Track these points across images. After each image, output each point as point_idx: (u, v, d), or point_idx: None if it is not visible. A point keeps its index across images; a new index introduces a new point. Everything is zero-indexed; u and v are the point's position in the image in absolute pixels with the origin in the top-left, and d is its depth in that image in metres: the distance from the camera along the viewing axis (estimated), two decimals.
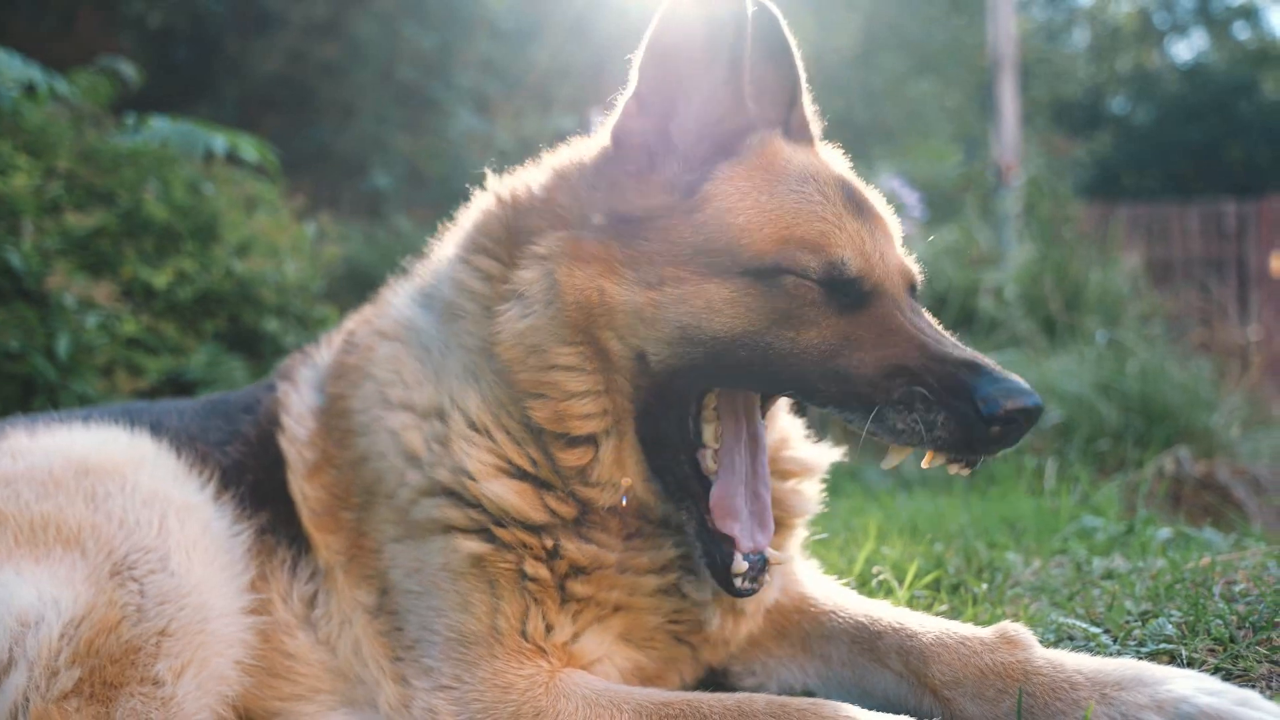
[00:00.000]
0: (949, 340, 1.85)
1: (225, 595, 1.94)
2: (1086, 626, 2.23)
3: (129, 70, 6.21)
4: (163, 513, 1.92)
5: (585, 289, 1.89)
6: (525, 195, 2.08)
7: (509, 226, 2.05)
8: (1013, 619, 2.29)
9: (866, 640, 2.06)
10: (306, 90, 13.74)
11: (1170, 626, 2.12)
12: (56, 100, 5.31)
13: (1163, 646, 2.05)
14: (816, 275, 1.83)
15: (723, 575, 1.90)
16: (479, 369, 2.00)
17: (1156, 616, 2.22)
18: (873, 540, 3.24)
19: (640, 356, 1.89)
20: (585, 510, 1.96)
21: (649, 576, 1.98)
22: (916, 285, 2.03)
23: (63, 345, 4.77)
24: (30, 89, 4.93)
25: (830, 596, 2.23)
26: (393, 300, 2.27)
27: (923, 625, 2.01)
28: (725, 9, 1.87)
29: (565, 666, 1.90)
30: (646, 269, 1.88)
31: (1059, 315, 7.66)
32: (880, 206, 2.05)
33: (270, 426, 2.25)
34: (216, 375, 5.55)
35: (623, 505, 1.95)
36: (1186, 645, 2.03)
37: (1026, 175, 11.18)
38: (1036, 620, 2.35)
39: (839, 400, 1.80)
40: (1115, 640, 2.16)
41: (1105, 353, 6.59)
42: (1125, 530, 3.61)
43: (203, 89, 13.93)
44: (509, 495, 1.92)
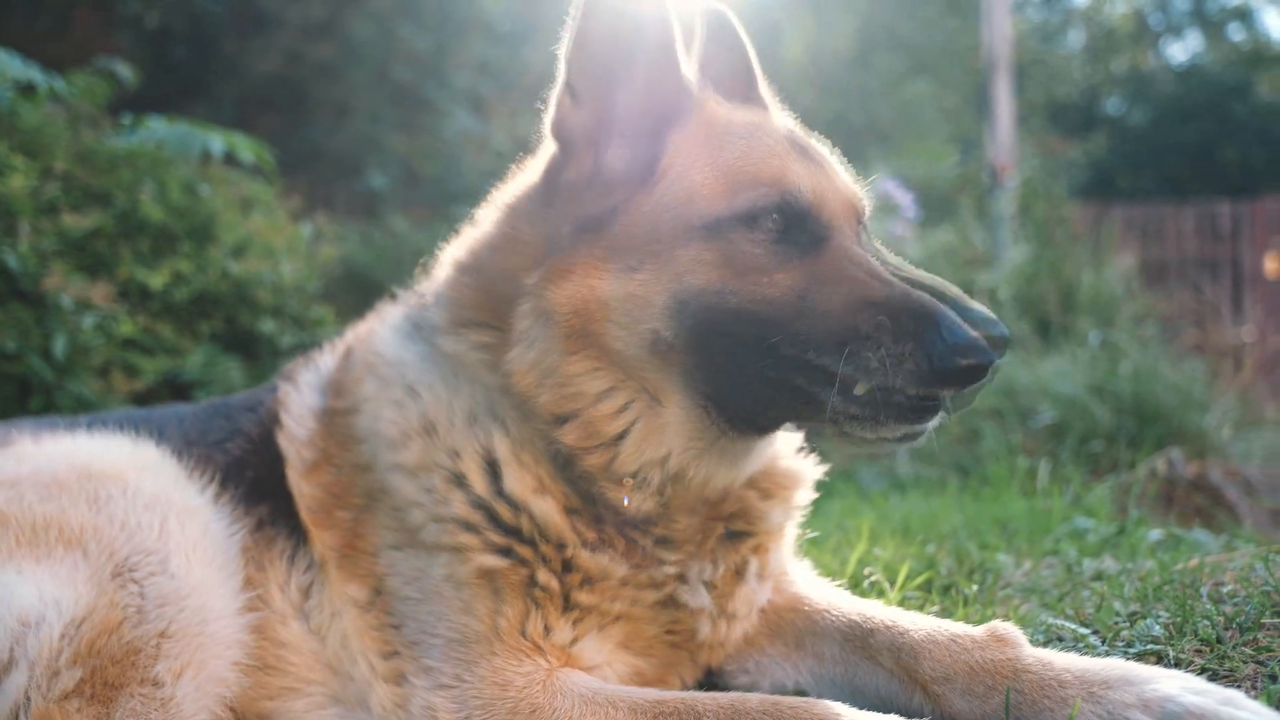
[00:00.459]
0: (909, 269, 1.90)
1: (224, 597, 1.96)
2: (1075, 627, 2.25)
3: (125, 71, 6.22)
4: (164, 516, 1.94)
5: (576, 294, 1.91)
6: (487, 252, 2.08)
7: (487, 293, 2.05)
8: (1003, 619, 2.31)
9: (859, 638, 2.08)
10: (302, 90, 13.74)
11: (1158, 627, 2.15)
12: (53, 101, 5.32)
13: (1150, 647, 2.07)
14: (774, 207, 1.89)
15: (921, 408, 1.80)
16: (497, 407, 2.01)
17: (1144, 618, 2.25)
18: (865, 541, 3.26)
19: (656, 336, 1.89)
20: (601, 529, 1.98)
21: (649, 590, 2.01)
22: (864, 214, 2.07)
23: (59, 346, 4.78)
24: (29, 89, 4.94)
25: (824, 596, 2.26)
26: (380, 337, 2.26)
27: (914, 623, 2.04)
28: None
29: (563, 666, 1.92)
30: (626, 255, 1.91)
31: (1053, 316, 7.69)
32: (825, 152, 2.12)
33: (271, 425, 2.27)
34: (213, 376, 5.56)
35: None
36: (1173, 646, 2.06)
37: (1021, 176, 11.21)
38: (1026, 621, 2.38)
39: (816, 346, 1.80)
40: (1104, 641, 2.19)
41: (1098, 354, 6.62)
42: (1116, 531, 3.64)
43: (199, 89, 13.93)
44: (553, 514, 1.95)
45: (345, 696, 2.06)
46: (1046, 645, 2.18)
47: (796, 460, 2.26)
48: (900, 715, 1.70)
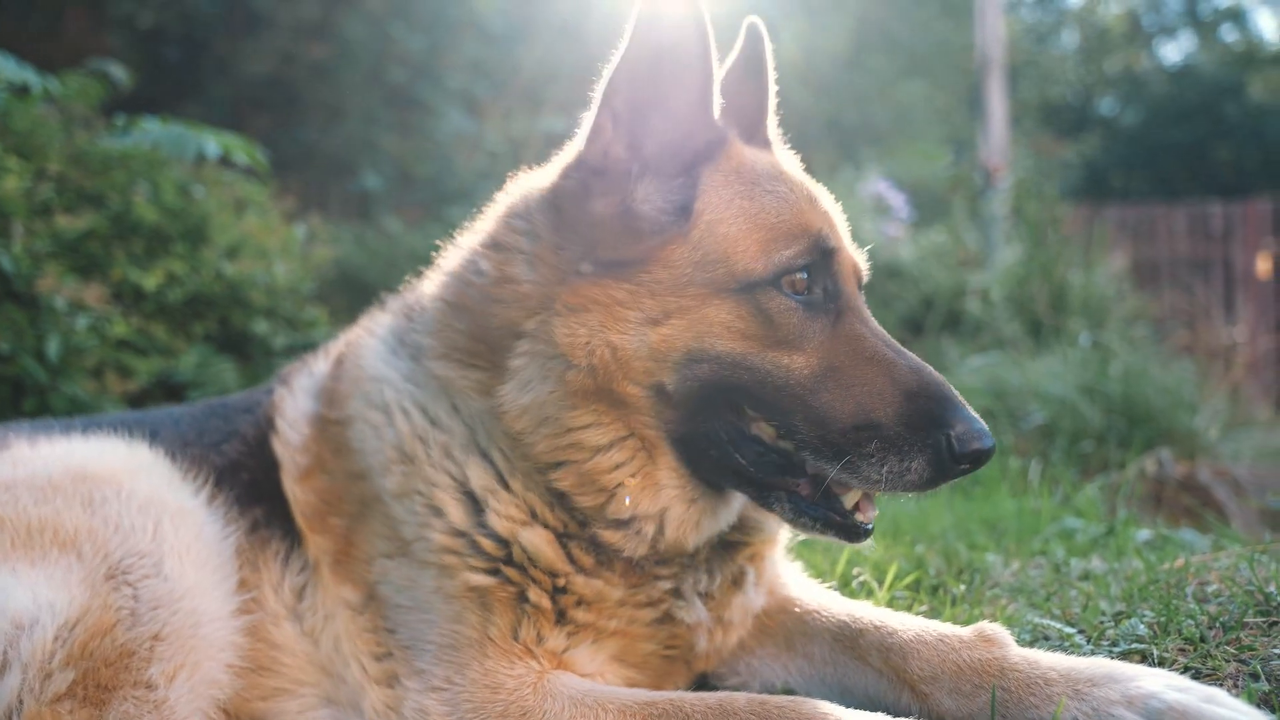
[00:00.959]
0: (908, 359, 1.90)
1: (217, 600, 1.97)
2: (1061, 627, 2.27)
3: (119, 72, 6.21)
4: (157, 519, 1.94)
5: (595, 349, 1.86)
6: (477, 295, 2.02)
7: (479, 339, 2.00)
8: (990, 619, 2.33)
9: (848, 638, 2.10)
10: (295, 91, 13.72)
11: (1143, 627, 2.17)
12: (47, 102, 5.32)
13: (1135, 646, 2.10)
14: (805, 264, 1.88)
15: (857, 529, 1.90)
16: (485, 434, 1.99)
17: (1130, 617, 2.27)
18: None
19: (659, 389, 1.88)
20: (599, 553, 1.97)
21: (646, 610, 2.02)
22: (863, 278, 2.09)
23: (53, 347, 4.78)
24: (22, 90, 4.94)
25: (814, 597, 2.28)
26: (367, 349, 2.23)
27: (903, 623, 2.06)
28: (698, 14, 1.85)
29: (555, 669, 1.93)
30: (649, 304, 1.86)
31: (1044, 317, 7.72)
32: (831, 202, 2.11)
33: (267, 428, 2.28)
34: (206, 377, 5.56)
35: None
36: (1158, 645, 2.08)
37: (1014, 177, 11.24)
38: (1014, 620, 2.40)
39: (815, 447, 1.83)
40: (1089, 640, 2.21)
41: (1089, 355, 6.65)
42: (1105, 531, 3.66)
43: (192, 90, 13.90)
44: (543, 546, 1.94)
45: (338, 698, 2.07)
46: (1033, 645, 2.20)
47: None
48: (888, 714, 1.72)
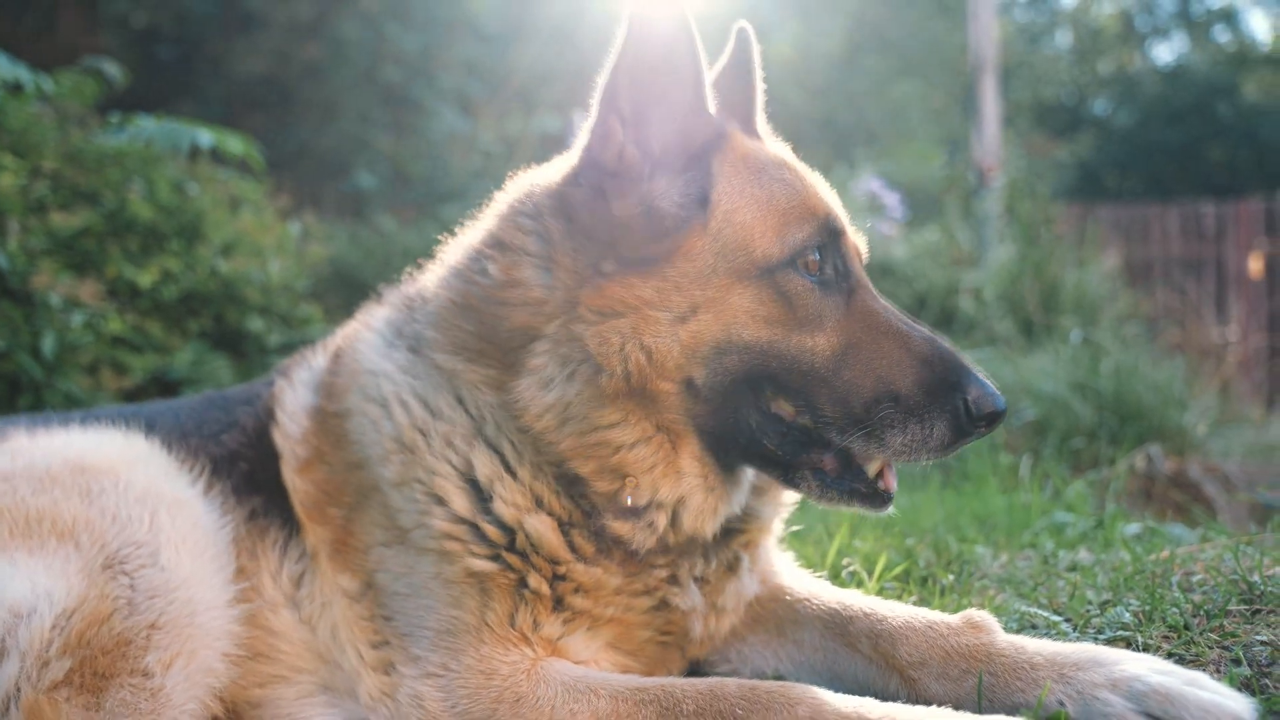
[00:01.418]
0: (919, 330, 1.97)
1: (213, 589, 1.98)
2: (1048, 615, 2.30)
3: (114, 70, 6.23)
4: (154, 509, 1.95)
5: (629, 354, 1.88)
6: (482, 298, 2.03)
7: (489, 340, 2.02)
8: (979, 608, 2.36)
9: (838, 625, 2.13)
10: (290, 90, 13.73)
11: (1128, 615, 2.20)
12: (42, 100, 5.33)
13: (1120, 633, 2.12)
14: (817, 245, 1.94)
15: (882, 497, 1.99)
16: (493, 424, 2.00)
17: (1115, 605, 2.30)
18: (845, 534, 3.31)
19: (688, 383, 1.91)
20: (600, 541, 1.99)
21: (643, 598, 2.03)
22: (864, 258, 2.16)
23: (48, 344, 4.79)
24: (15, 88, 4.95)
25: (804, 586, 2.30)
26: (364, 342, 2.25)
27: (892, 610, 2.09)
28: (684, 14, 1.90)
29: (549, 656, 1.95)
30: (677, 300, 1.89)
31: (1035, 316, 7.76)
32: (829, 188, 2.17)
33: (267, 419, 2.30)
34: (201, 374, 5.58)
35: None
36: (1142, 632, 2.11)
37: (1007, 177, 11.28)
38: (1001, 609, 2.42)
39: (840, 424, 1.89)
40: (1075, 628, 2.24)
41: (1080, 352, 6.68)
42: (1094, 525, 3.69)
43: (186, 89, 13.91)
44: (547, 533, 1.95)
45: (334, 685, 2.09)
46: (1020, 632, 2.23)
47: None
48: (877, 699, 1.75)
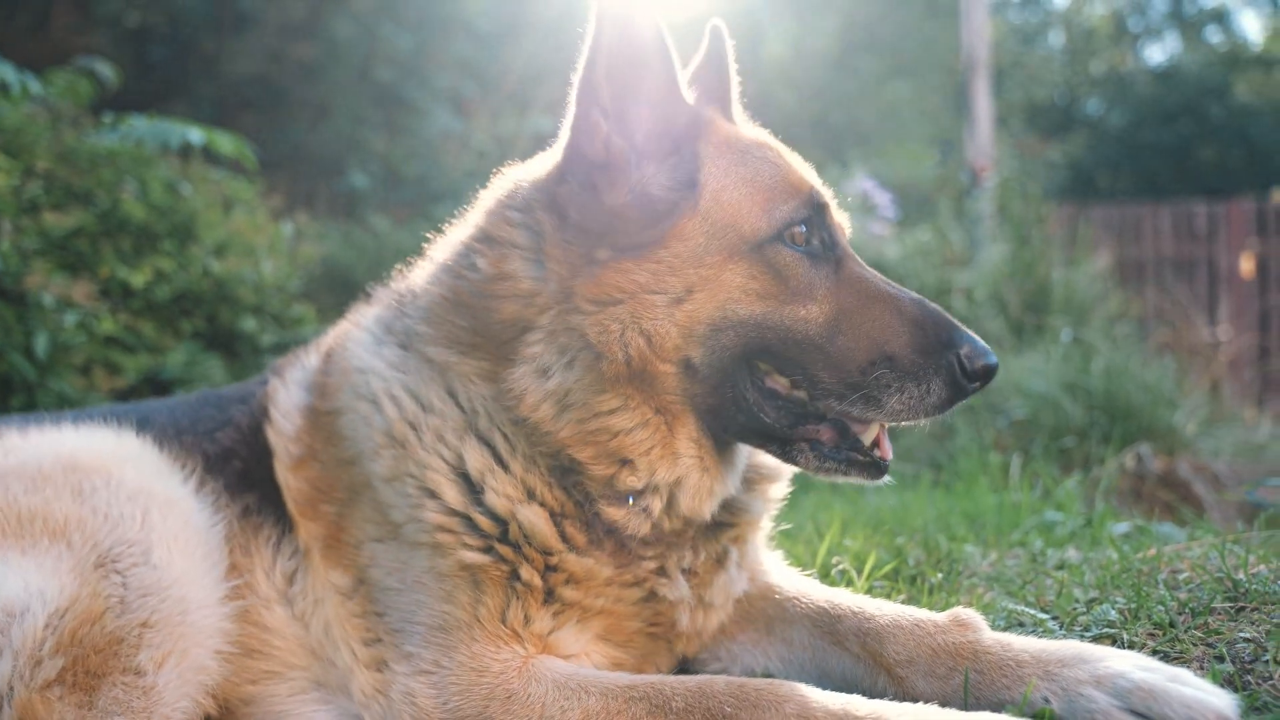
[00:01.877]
0: (907, 293, 2.01)
1: (205, 587, 1.99)
2: (1035, 613, 2.32)
3: (106, 70, 6.22)
4: (146, 507, 1.96)
5: (629, 340, 1.91)
6: (474, 293, 2.05)
7: (482, 334, 2.03)
8: (967, 606, 2.37)
9: (827, 624, 2.14)
10: (283, 90, 13.72)
11: (1114, 612, 2.22)
12: (35, 100, 5.33)
13: (1106, 631, 2.14)
14: (804, 218, 1.98)
15: (879, 465, 2.00)
16: (485, 416, 2.02)
17: (1102, 603, 2.31)
18: (835, 533, 3.32)
19: (686, 363, 1.94)
20: (592, 531, 2.00)
21: (633, 589, 2.05)
22: (847, 234, 2.18)
23: (41, 344, 4.79)
24: (3, 88, 4.95)
25: (794, 584, 2.32)
26: (354, 341, 2.26)
27: (880, 609, 2.10)
28: (648, 6, 1.94)
29: (541, 653, 1.97)
30: (672, 282, 1.92)
31: (1025, 316, 7.79)
32: (809, 167, 2.20)
33: (260, 418, 2.31)
34: (194, 374, 5.58)
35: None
36: (1128, 630, 2.13)
37: (999, 177, 11.32)
38: (989, 607, 2.44)
39: (837, 392, 1.92)
40: (1062, 626, 2.26)
41: (1071, 352, 6.71)
42: (1084, 524, 3.71)
43: (179, 89, 13.89)
44: (539, 523, 1.97)
45: (327, 681, 2.10)
46: (1007, 630, 2.25)
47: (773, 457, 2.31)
48: (865, 697, 1.76)
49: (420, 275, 2.24)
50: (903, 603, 2.44)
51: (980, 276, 8.55)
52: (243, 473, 2.25)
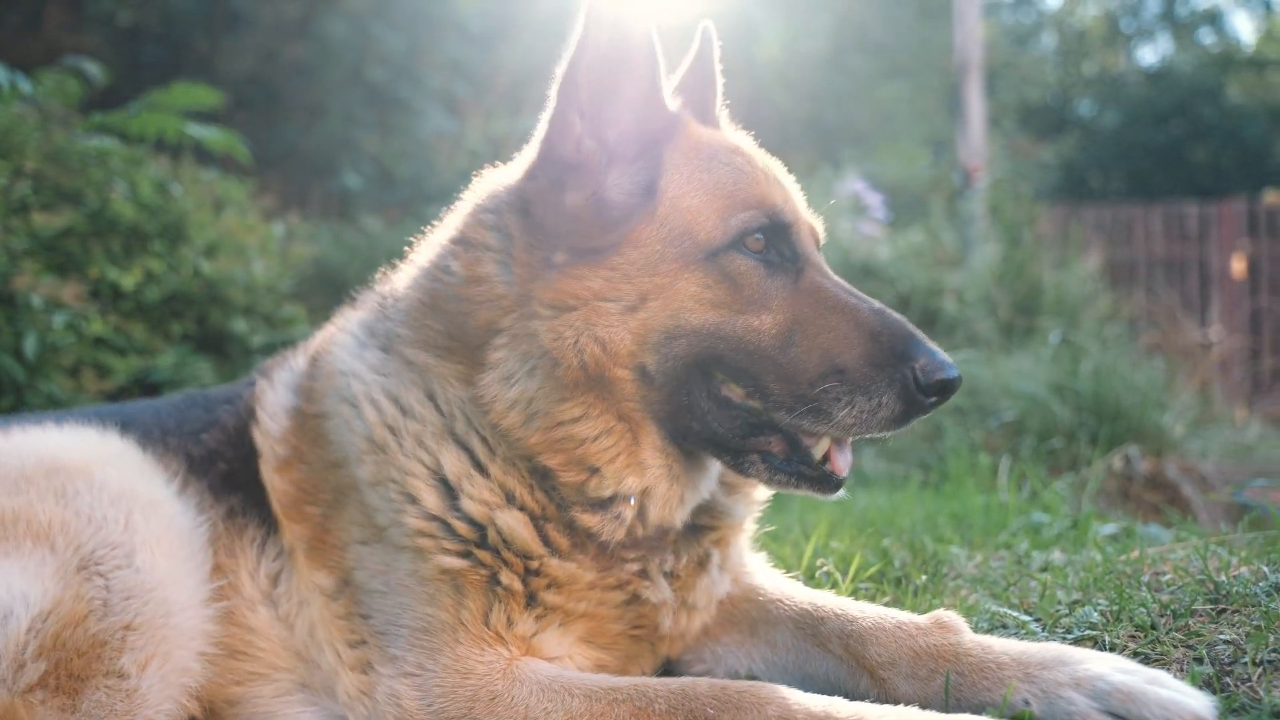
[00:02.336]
0: (869, 303, 1.98)
1: (188, 589, 1.99)
2: (1018, 615, 2.33)
3: (94, 69, 6.21)
4: (128, 509, 1.96)
5: (584, 346, 1.91)
6: (448, 296, 2.06)
7: (456, 338, 2.05)
8: (951, 608, 2.39)
9: (810, 626, 2.15)
10: (276, 90, 13.69)
11: (1096, 614, 2.23)
12: (25, 100, 5.31)
13: (1088, 633, 2.16)
14: (761, 227, 1.96)
15: (829, 480, 1.98)
16: (463, 419, 2.02)
17: (1084, 605, 2.33)
18: (821, 534, 3.33)
19: (641, 370, 1.94)
20: (574, 535, 2.01)
21: (615, 592, 2.05)
22: (820, 240, 2.18)
23: (30, 345, 4.78)
24: None
25: (778, 586, 2.32)
26: (337, 344, 2.27)
27: (862, 611, 2.11)
28: (640, 9, 1.94)
29: (525, 655, 1.97)
30: (626, 289, 1.92)
31: (1016, 317, 7.81)
32: (785, 174, 2.20)
33: (247, 418, 2.32)
34: (184, 376, 5.56)
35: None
36: (1109, 632, 2.14)
37: (992, 178, 11.35)
38: (973, 610, 2.45)
39: (787, 404, 1.91)
40: (1044, 628, 2.27)
41: (1060, 353, 6.73)
42: (1070, 526, 3.73)
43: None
44: (519, 529, 1.97)
45: (312, 683, 2.10)
46: (990, 632, 2.26)
47: None
48: (847, 699, 1.77)
49: (402, 278, 2.25)
50: (887, 605, 2.45)
51: (972, 278, 8.57)
52: (228, 474, 2.25)
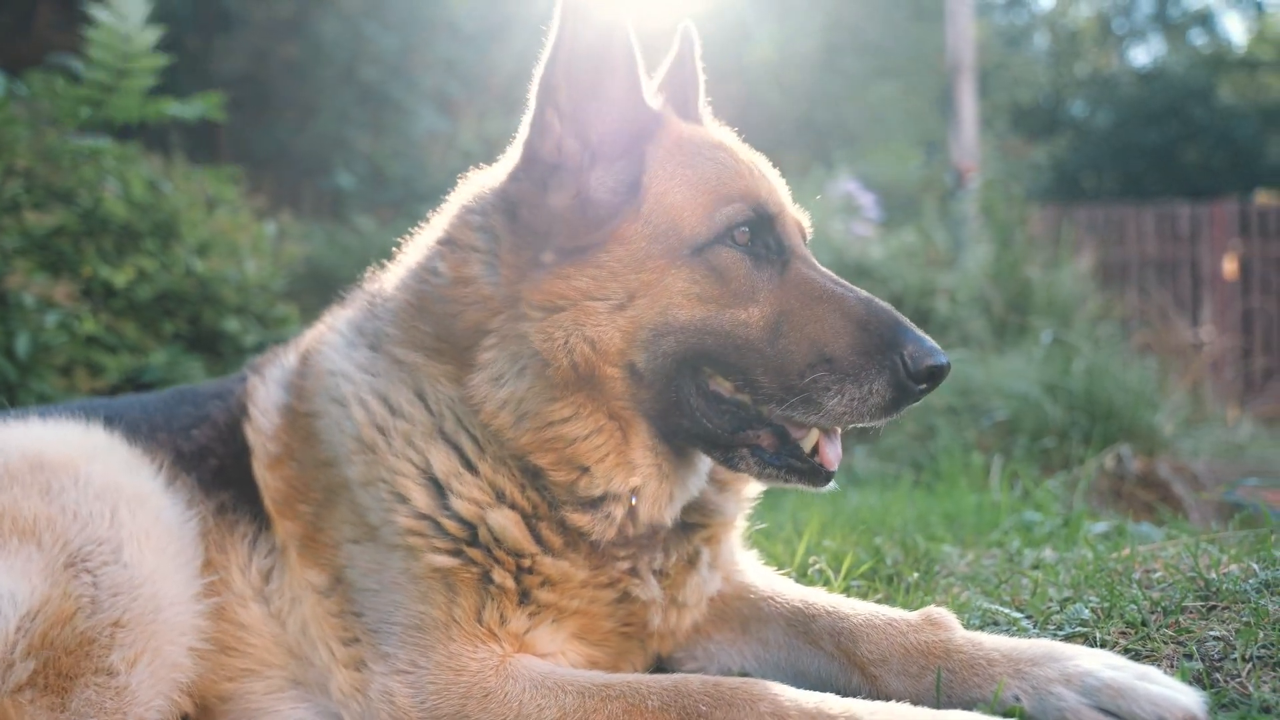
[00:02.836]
0: (856, 293, 1.98)
1: (177, 584, 1.98)
2: (1010, 612, 2.33)
3: (81, 68, 6.18)
4: (114, 504, 1.95)
5: (574, 347, 1.91)
6: (436, 298, 2.06)
7: (444, 339, 2.04)
8: (942, 606, 2.39)
9: (801, 623, 2.16)
10: (269, 89, 13.66)
11: (1087, 611, 2.23)
12: (16, 99, 5.29)
13: (1079, 630, 2.16)
14: (746, 220, 1.96)
15: (819, 472, 1.98)
16: (453, 418, 2.02)
17: (1075, 602, 2.33)
18: (813, 532, 3.33)
19: (631, 368, 1.94)
20: (567, 533, 2.01)
21: (607, 590, 2.06)
22: (807, 235, 2.18)
23: (22, 344, 4.76)
24: None
25: (769, 584, 2.33)
26: (327, 343, 2.26)
27: (854, 609, 2.12)
28: (617, 7, 1.94)
29: (517, 652, 1.97)
30: (613, 287, 1.92)
31: (1008, 317, 7.82)
32: (770, 169, 2.20)
33: (239, 414, 2.31)
34: (176, 375, 5.54)
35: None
36: (1100, 628, 2.15)
37: (984, 178, 11.36)
38: (965, 607, 2.45)
39: (777, 396, 1.91)
40: (1036, 624, 2.27)
41: (1052, 353, 6.74)
42: (1061, 524, 3.73)
43: (165, 87, 13.80)
44: (510, 527, 1.97)
45: (305, 679, 2.10)
46: (982, 629, 2.26)
47: None
48: (838, 695, 1.77)
49: (391, 277, 2.25)
50: (879, 602, 2.46)
51: (964, 278, 8.58)
52: (219, 469, 2.25)
